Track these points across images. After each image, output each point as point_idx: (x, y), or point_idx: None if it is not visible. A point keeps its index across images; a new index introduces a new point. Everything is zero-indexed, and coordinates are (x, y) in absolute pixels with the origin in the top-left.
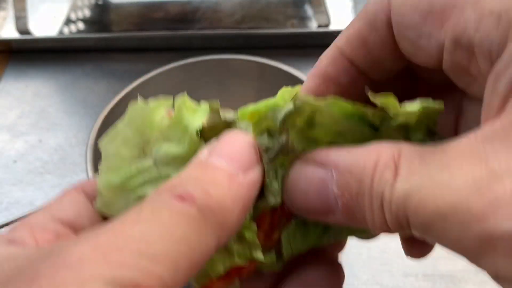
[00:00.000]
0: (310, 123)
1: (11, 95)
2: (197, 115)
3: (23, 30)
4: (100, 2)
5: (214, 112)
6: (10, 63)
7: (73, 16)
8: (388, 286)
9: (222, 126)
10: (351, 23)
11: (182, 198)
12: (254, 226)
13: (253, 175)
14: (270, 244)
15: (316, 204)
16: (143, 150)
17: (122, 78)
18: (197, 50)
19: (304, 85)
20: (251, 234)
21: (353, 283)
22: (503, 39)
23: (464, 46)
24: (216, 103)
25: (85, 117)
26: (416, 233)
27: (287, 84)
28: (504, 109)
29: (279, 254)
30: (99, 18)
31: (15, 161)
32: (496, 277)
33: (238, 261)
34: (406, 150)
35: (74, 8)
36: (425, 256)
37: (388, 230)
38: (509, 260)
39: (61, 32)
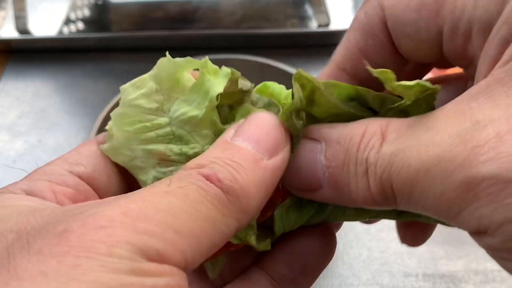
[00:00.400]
0: (311, 99)
1: (10, 95)
2: (218, 80)
3: (23, 30)
4: (99, 2)
5: (233, 80)
6: (9, 63)
7: (72, 16)
8: (388, 286)
9: (237, 93)
10: (345, 36)
11: (209, 178)
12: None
13: (278, 159)
14: (262, 220)
15: (305, 177)
16: (162, 106)
17: (122, 78)
18: (197, 50)
19: None
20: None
21: (353, 283)
22: (500, 7)
23: (462, 27)
24: (237, 72)
25: (85, 117)
26: (400, 201)
27: (287, 84)
28: (491, 72)
29: (270, 230)
30: (99, 18)
31: (14, 161)
32: (477, 229)
33: (233, 240)
34: (394, 122)
35: (73, 8)
36: (420, 244)
37: (372, 201)
38: (490, 206)
39: (60, 32)
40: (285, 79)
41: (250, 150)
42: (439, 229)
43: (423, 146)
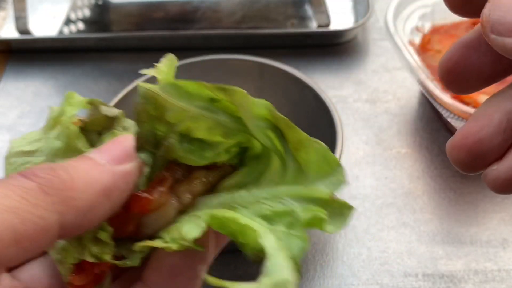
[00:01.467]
0: (162, 108)
1: (11, 95)
2: (73, 108)
3: (23, 30)
4: (100, 2)
5: (94, 107)
6: (10, 63)
7: (73, 16)
8: (388, 286)
9: (103, 120)
10: None
11: (25, 176)
12: (109, 228)
13: (124, 168)
14: (124, 235)
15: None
16: (41, 147)
17: (122, 78)
18: (197, 50)
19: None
20: (105, 235)
21: (353, 283)
22: None
23: None
24: (97, 100)
25: None
26: None
27: (287, 84)
28: None
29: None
30: (99, 18)
31: None
32: None
33: (89, 258)
34: None
35: (74, 8)
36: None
37: None
38: None
39: (61, 32)
40: (285, 79)
41: (95, 157)
42: (439, 229)
43: None
